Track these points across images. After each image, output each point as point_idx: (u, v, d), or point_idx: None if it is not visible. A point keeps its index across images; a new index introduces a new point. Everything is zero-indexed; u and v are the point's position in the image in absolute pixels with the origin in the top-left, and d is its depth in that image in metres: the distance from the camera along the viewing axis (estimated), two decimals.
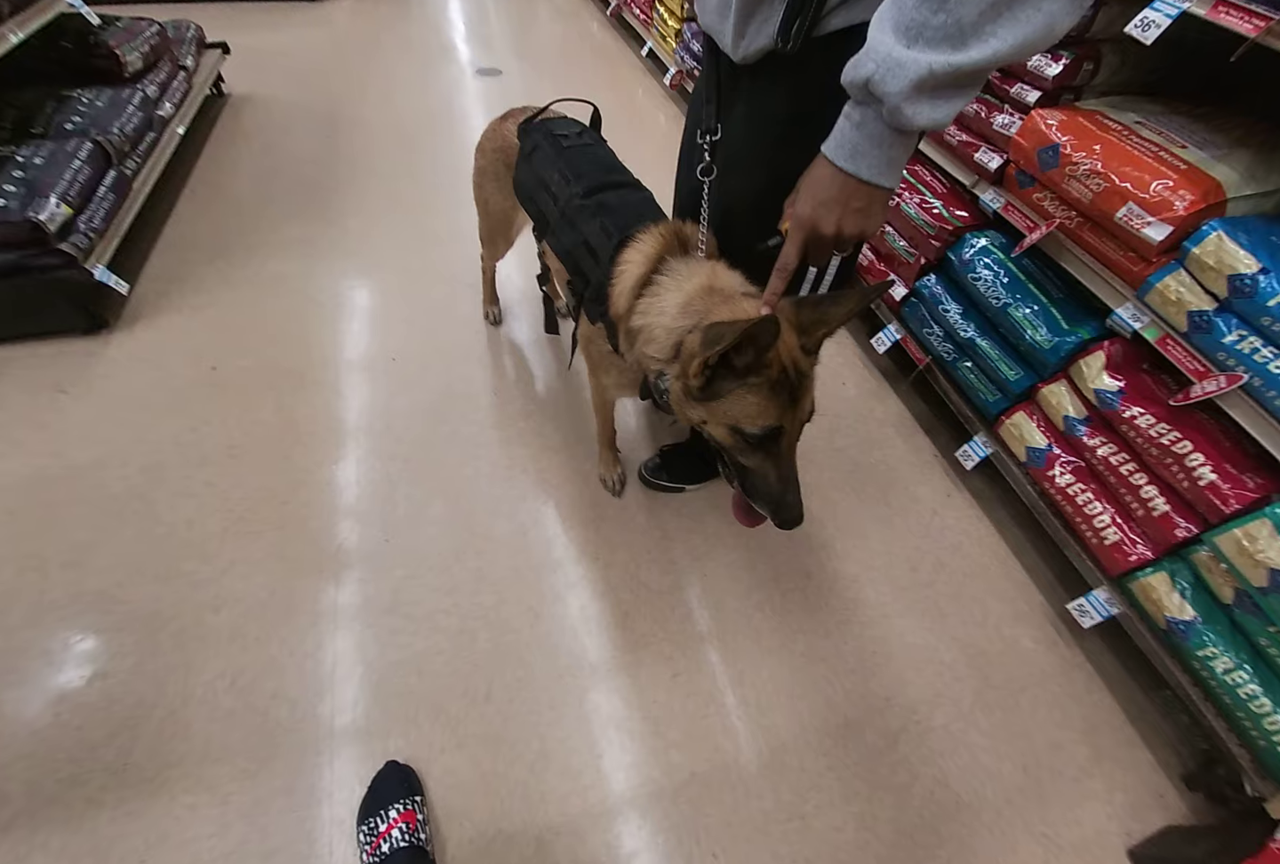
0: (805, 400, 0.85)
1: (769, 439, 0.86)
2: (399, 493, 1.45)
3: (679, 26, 3.12)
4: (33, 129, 1.84)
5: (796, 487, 0.88)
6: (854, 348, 1.98)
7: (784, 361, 0.81)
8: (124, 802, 1.00)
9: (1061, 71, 1.30)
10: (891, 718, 1.19)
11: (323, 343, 1.79)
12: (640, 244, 0.99)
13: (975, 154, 1.48)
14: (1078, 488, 1.32)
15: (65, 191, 1.63)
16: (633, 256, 0.99)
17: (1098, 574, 1.29)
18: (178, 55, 2.51)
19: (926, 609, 1.36)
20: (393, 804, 0.96)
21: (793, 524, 0.89)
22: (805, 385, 0.84)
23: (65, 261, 1.62)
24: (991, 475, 1.57)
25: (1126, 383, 1.24)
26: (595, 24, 4.28)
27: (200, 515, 1.36)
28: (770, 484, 0.89)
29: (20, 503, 1.35)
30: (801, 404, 0.85)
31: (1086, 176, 1.20)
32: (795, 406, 0.84)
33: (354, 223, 2.24)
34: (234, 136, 2.67)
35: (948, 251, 1.59)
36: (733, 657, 1.25)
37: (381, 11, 4.17)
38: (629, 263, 0.99)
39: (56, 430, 1.50)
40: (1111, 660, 1.32)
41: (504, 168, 1.37)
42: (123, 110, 1.98)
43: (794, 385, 0.82)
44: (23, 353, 1.67)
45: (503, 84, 3.35)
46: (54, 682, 1.11)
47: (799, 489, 0.88)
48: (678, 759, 1.12)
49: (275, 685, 1.13)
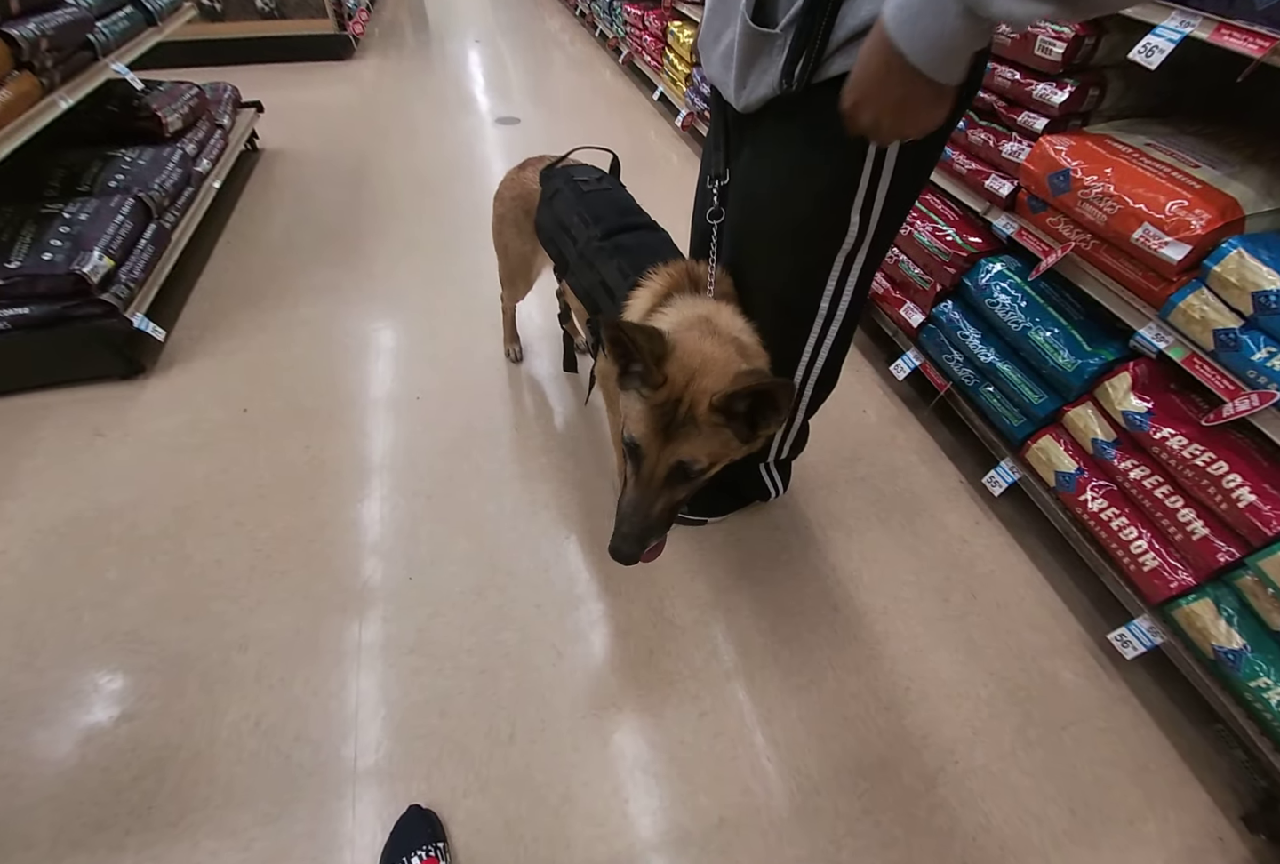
0: (680, 444, 0.82)
1: (635, 454, 0.86)
2: (422, 530, 1.46)
3: (688, 71, 3.25)
4: (79, 187, 1.96)
5: (639, 522, 0.86)
6: (873, 375, 1.97)
7: (680, 394, 0.81)
8: (147, 846, 0.99)
9: (1067, 99, 1.32)
10: (929, 757, 1.14)
11: (349, 383, 1.84)
12: (649, 282, 1.03)
13: (985, 181, 1.50)
14: (1111, 512, 1.28)
15: (108, 245, 1.73)
16: (641, 293, 1.03)
17: (1138, 602, 1.24)
18: (215, 115, 2.67)
19: (960, 642, 1.31)
20: (415, 851, 0.94)
21: (613, 554, 0.87)
22: (686, 431, 0.82)
23: (106, 311, 1.70)
24: (1021, 501, 1.53)
25: (1155, 404, 1.22)
26: (608, 72, 4.47)
27: (229, 555, 1.38)
28: (623, 504, 0.89)
29: (56, 545, 1.39)
30: (675, 444, 0.82)
31: (1099, 199, 1.21)
32: (666, 440, 0.83)
33: (379, 267, 2.33)
34: (266, 188, 2.82)
35: (963, 278, 1.59)
36: (760, 694, 1.21)
37: (405, 67, 4.42)
38: (637, 299, 1.03)
39: (93, 473, 1.55)
40: (1158, 693, 1.25)
41: (523, 214, 1.42)
42: (163, 167, 2.11)
43: (673, 420, 0.81)
44: (63, 398, 1.74)
45: (521, 131, 3.50)
46: (82, 722, 1.12)
47: (642, 526, 0.86)
48: (706, 803, 1.08)
49: (299, 727, 1.13)
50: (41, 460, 1.57)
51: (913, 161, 0.83)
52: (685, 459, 0.83)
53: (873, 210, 0.87)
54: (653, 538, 0.90)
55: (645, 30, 3.79)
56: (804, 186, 0.87)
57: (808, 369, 1.11)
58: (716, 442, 0.84)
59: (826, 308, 1.01)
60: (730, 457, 0.89)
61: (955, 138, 1.59)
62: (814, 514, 1.55)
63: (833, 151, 0.81)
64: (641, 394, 0.84)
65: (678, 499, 0.89)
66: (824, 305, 1.00)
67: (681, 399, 0.81)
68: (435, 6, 6.42)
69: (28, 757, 1.08)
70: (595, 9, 4.90)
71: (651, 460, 0.84)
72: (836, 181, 0.84)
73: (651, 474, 0.85)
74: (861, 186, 0.84)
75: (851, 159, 0.81)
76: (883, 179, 0.83)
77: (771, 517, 1.54)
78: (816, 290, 0.98)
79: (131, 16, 2.22)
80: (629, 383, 0.87)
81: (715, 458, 0.86)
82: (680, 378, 0.82)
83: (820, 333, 1.05)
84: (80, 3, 1.89)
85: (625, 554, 0.86)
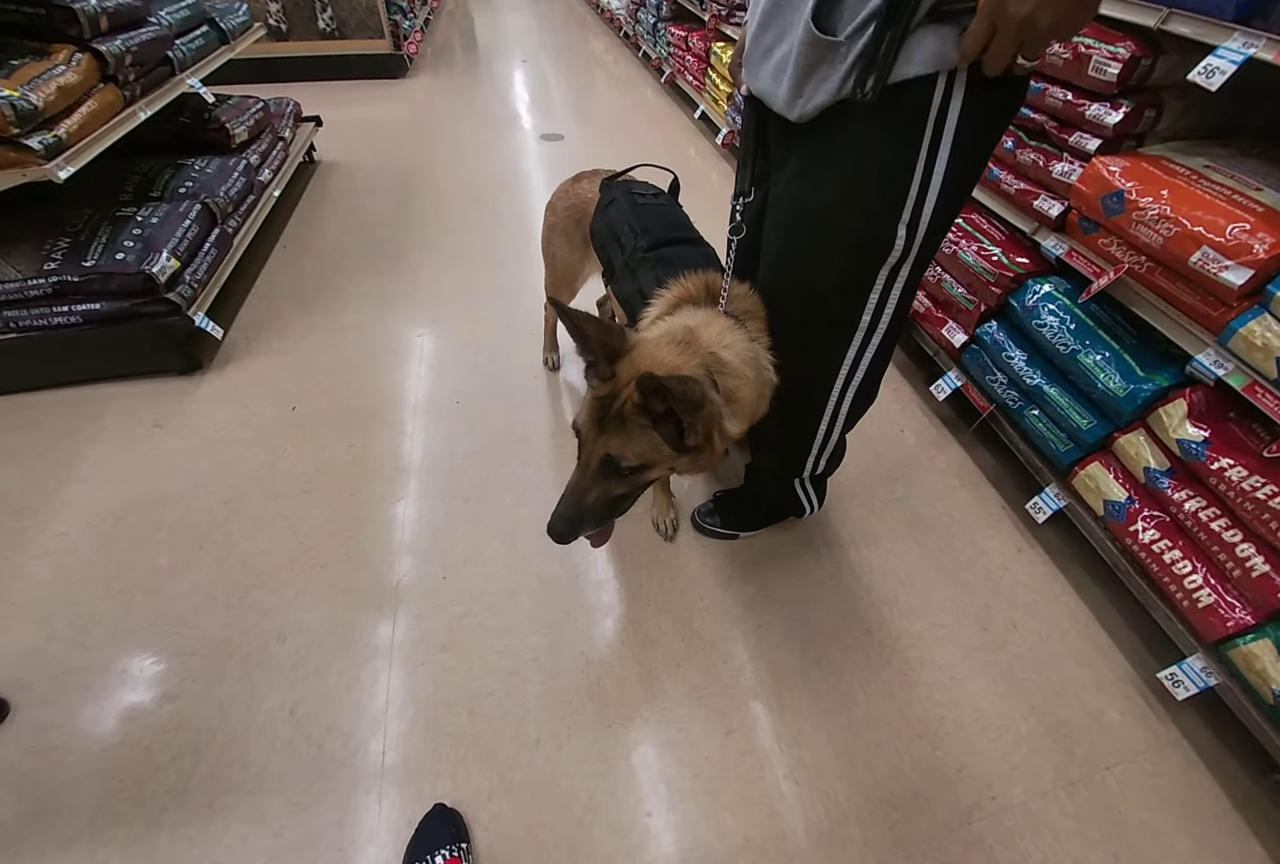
0: (610, 437, 0.88)
1: (579, 440, 0.94)
2: (458, 532, 1.48)
3: (730, 90, 3.30)
4: (152, 192, 2.08)
5: (573, 505, 0.92)
6: (911, 395, 1.95)
7: (619, 391, 0.87)
8: (182, 826, 1.01)
9: (1122, 119, 1.30)
10: (964, 791, 1.10)
11: (393, 386, 1.89)
12: (666, 292, 1.08)
13: (1034, 202, 1.49)
14: (1164, 544, 1.24)
15: (176, 247, 1.82)
16: (657, 302, 1.08)
17: (1191, 640, 1.19)
18: (278, 128, 2.81)
19: (1000, 673, 1.27)
20: (439, 850, 0.94)
21: (548, 531, 0.93)
22: (615, 426, 0.88)
23: (171, 309, 1.79)
24: (1065, 530, 1.49)
25: (1212, 432, 1.18)
26: (650, 91, 4.58)
27: (272, 546, 1.42)
28: (566, 489, 0.95)
29: (113, 528, 1.45)
30: (606, 436, 0.88)
31: (1155, 221, 1.19)
32: (600, 432, 0.89)
33: (424, 276, 2.40)
34: (321, 198, 2.94)
35: (1009, 298, 1.57)
36: (790, 715, 1.19)
37: (455, 86, 4.59)
38: (653, 307, 1.08)
39: (150, 462, 1.62)
40: (1210, 737, 1.19)
41: (573, 224, 1.46)
42: (229, 176, 2.22)
43: (607, 413, 0.87)
44: (125, 390, 1.83)
45: (565, 148, 3.59)
46: (127, 701, 1.16)
47: (575, 509, 0.92)
48: (731, 823, 1.06)
49: (331, 718, 1.15)
50: (104, 447, 1.65)
51: (959, 174, 0.83)
52: (613, 453, 0.88)
53: (919, 223, 0.87)
54: (587, 525, 0.95)
55: (688, 51, 3.88)
56: (853, 197, 0.87)
57: (846, 381, 1.10)
58: (644, 442, 0.88)
59: (868, 320, 1.00)
60: (670, 464, 0.93)
61: (1003, 157, 1.58)
62: (849, 533, 1.53)
63: (884, 162, 0.82)
64: (591, 384, 0.92)
65: (614, 494, 0.94)
66: (865, 318, 1.00)
67: (619, 395, 0.86)
68: (485, 28, 6.67)
69: (75, 731, 1.12)
70: (639, 31, 5.04)
71: (588, 449, 0.91)
72: (885, 193, 0.85)
73: (588, 462, 0.92)
74: (910, 198, 0.84)
75: (902, 169, 0.82)
76: (930, 191, 0.83)
77: (805, 534, 1.52)
78: (859, 302, 0.98)
79: (207, 35, 2.37)
80: (589, 373, 0.95)
81: (645, 459, 0.90)
82: (625, 376, 0.87)
83: (861, 345, 1.04)
84: (162, 22, 2.02)
85: (557, 532, 0.93)
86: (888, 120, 0.78)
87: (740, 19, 3.21)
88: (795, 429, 1.21)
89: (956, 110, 0.76)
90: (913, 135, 0.78)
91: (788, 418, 1.16)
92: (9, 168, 1.43)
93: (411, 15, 4.95)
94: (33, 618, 1.28)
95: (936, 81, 0.74)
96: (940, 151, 0.79)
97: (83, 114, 1.61)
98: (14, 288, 1.66)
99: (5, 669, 1.19)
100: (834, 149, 0.86)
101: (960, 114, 0.76)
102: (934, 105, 0.75)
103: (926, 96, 0.75)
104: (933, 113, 0.76)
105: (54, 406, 1.76)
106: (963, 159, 0.81)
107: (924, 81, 0.74)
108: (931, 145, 0.79)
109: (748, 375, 0.98)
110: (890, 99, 0.75)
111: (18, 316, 1.70)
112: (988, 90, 0.75)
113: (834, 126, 0.83)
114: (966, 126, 0.77)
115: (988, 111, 0.79)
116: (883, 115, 0.78)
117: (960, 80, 0.74)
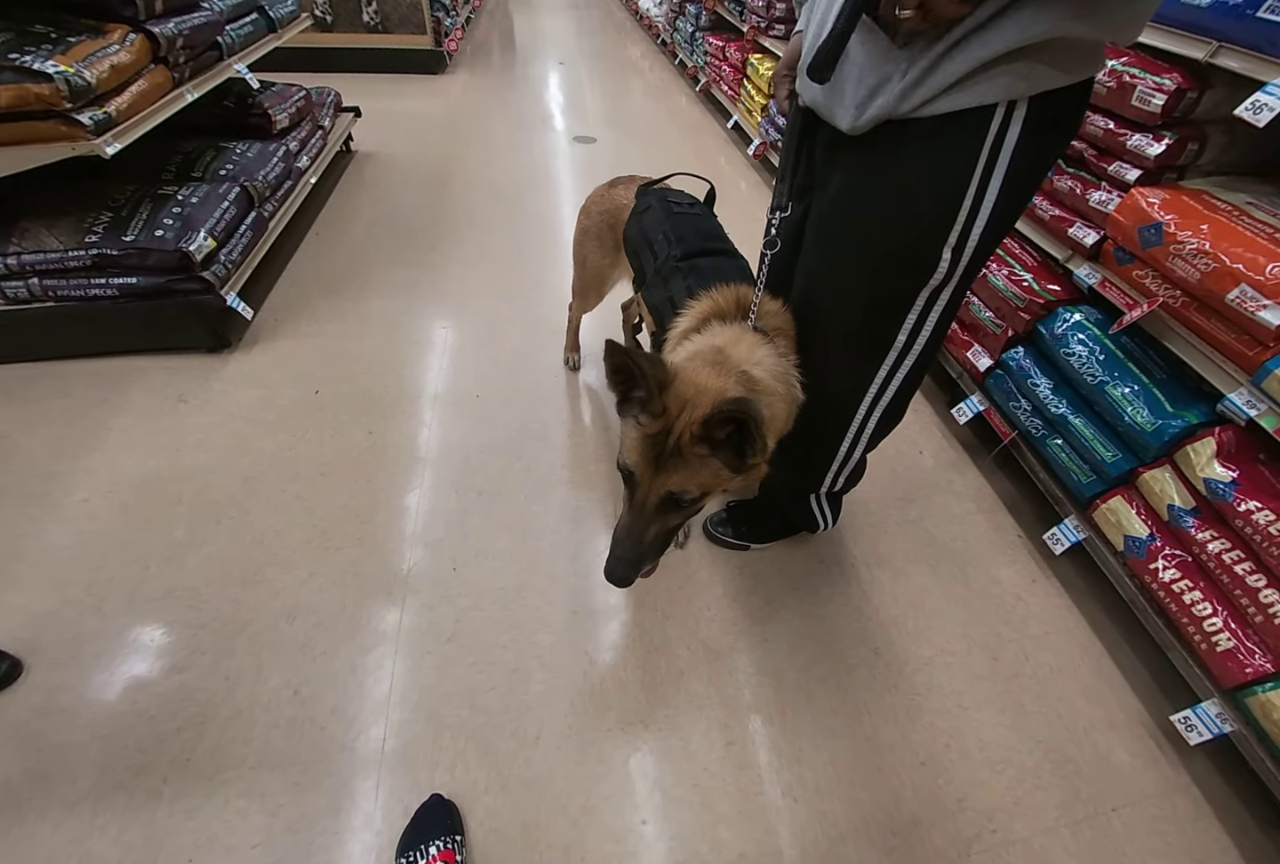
0: (670, 475, 0.84)
1: (629, 481, 0.89)
2: (470, 524, 1.49)
3: (765, 101, 3.31)
4: (193, 173, 2.11)
5: (632, 547, 0.88)
6: (932, 416, 1.94)
7: (672, 425, 0.82)
8: (182, 797, 1.02)
9: (1164, 151, 1.29)
10: (964, 822, 1.09)
11: (415, 376, 1.91)
12: (694, 306, 1.07)
13: (1069, 229, 1.48)
14: (1184, 585, 1.22)
15: (213, 227, 1.85)
16: (687, 313, 1.07)
17: (1207, 684, 1.16)
18: (318, 117, 2.85)
19: (1007, 704, 1.25)
20: (434, 841, 0.94)
21: (607, 576, 0.90)
22: (674, 462, 0.83)
23: (204, 288, 1.81)
24: (1083, 563, 1.47)
25: (1241, 473, 1.16)
26: (684, 99, 4.60)
27: (287, 527, 1.43)
28: (618, 529, 0.91)
29: (133, 498, 1.47)
30: (666, 474, 0.84)
31: (1193, 256, 1.18)
32: (657, 470, 0.85)
33: (452, 269, 2.42)
34: (356, 188, 2.98)
35: (1038, 325, 1.56)
36: (792, 732, 1.18)
37: (492, 84, 4.65)
38: (681, 319, 1.07)
39: (174, 435, 1.64)
40: (1221, 786, 1.16)
41: (606, 228, 1.47)
42: (268, 161, 2.25)
43: (662, 450, 0.83)
44: (155, 364, 1.85)
45: (596, 151, 3.62)
46: (137, 669, 1.17)
47: (635, 551, 0.88)
48: (726, 836, 1.05)
49: (335, 701, 1.15)
50: (129, 419, 1.67)
51: (1009, 202, 0.82)
52: (675, 490, 0.85)
53: (965, 247, 0.86)
54: (647, 562, 0.92)
55: (725, 61, 3.90)
56: (902, 217, 0.87)
57: (874, 400, 1.10)
58: (705, 472, 0.85)
59: (903, 341, 0.99)
60: (725, 486, 0.90)
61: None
62: (860, 552, 1.52)
63: (937, 184, 0.82)
64: (639, 422, 0.85)
65: (671, 526, 0.92)
66: (901, 337, 0.99)
67: (671, 430, 0.82)
68: (524, 30, 6.75)
69: (84, 696, 1.13)
70: (677, 39, 5.08)
71: (644, 489, 0.87)
72: (935, 215, 0.84)
73: (644, 502, 0.87)
74: (959, 222, 0.84)
75: (954, 193, 0.82)
76: (979, 216, 0.83)
77: (817, 549, 1.51)
78: (895, 323, 0.98)
79: (256, 22, 2.41)
80: (627, 409, 0.89)
81: (706, 488, 0.87)
82: (674, 408, 0.83)
83: (893, 365, 1.04)
84: (214, 7, 2.06)
85: (619, 576, 0.89)
86: (945, 144, 0.79)
87: (779, 32, 3.23)
88: (817, 445, 1.20)
89: (1014, 140, 0.77)
90: (968, 160, 0.79)
91: (810, 434, 1.16)
92: (59, 141, 1.46)
93: (453, 13, 5.02)
94: (51, 580, 1.30)
95: (996, 109, 0.75)
96: (993, 178, 0.79)
97: (133, 93, 1.64)
98: (55, 258, 1.70)
99: (22, 630, 1.21)
100: (886, 168, 0.86)
101: (1017, 144, 0.77)
102: (991, 133, 0.76)
103: (985, 124, 0.76)
104: (989, 140, 0.77)
105: (85, 376, 1.79)
106: (1014, 188, 0.81)
107: (984, 109, 0.75)
108: (985, 171, 0.79)
109: (779, 391, 0.98)
110: (949, 123, 0.76)
111: (57, 286, 1.73)
112: (1045, 122, 0.76)
113: (889, 145, 0.83)
114: (1021, 156, 0.78)
115: (1043, 143, 0.79)
116: (940, 138, 0.78)
117: (1020, 111, 0.75)
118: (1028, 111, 0.75)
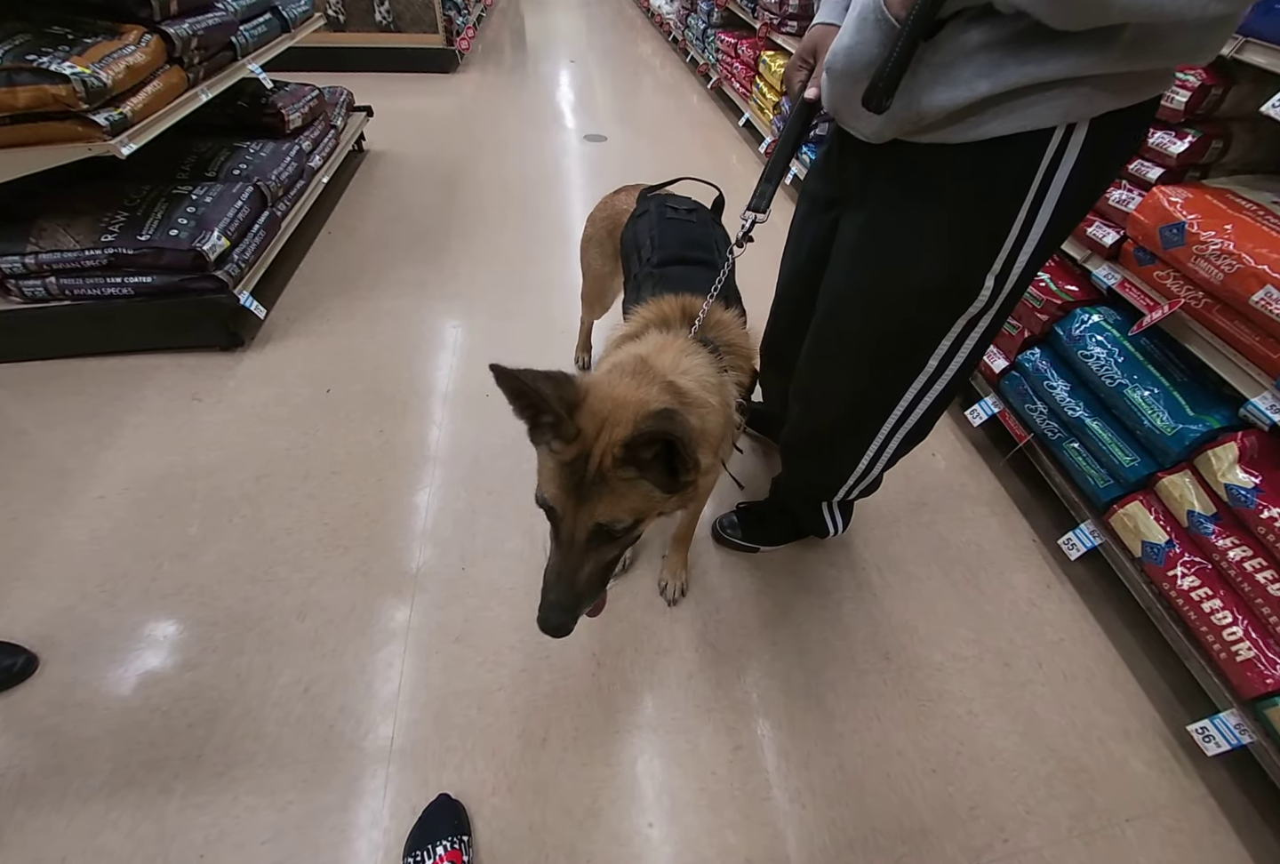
0: (595, 504, 0.73)
1: (551, 517, 0.78)
2: (479, 523, 1.49)
3: (777, 99, 3.28)
4: (207, 172, 2.13)
5: (565, 590, 0.76)
6: (945, 418, 1.91)
7: (590, 448, 0.72)
8: (193, 793, 1.03)
9: (1187, 149, 1.27)
10: (976, 831, 1.07)
11: (426, 375, 1.91)
12: (641, 310, 1.03)
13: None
14: (1203, 593, 1.19)
15: (227, 227, 1.86)
16: (629, 320, 1.04)
17: (1226, 694, 1.14)
18: (330, 116, 2.86)
19: (1020, 711, 1.23)
20: (441, 840, 0.94)
21: (541, 627, 0.76)
22: (599, 490, 0.72)
23: (218, 287, 1.83)
24: (1099, 568, 1.44)
25: (1264, 480, 1.13)
26: (695, 97, 4.58)
27: (298, 525, 1.44)
28: (547, 572, 0.78)
29: (148, 495, 1.49)
30: (591, 504, 0.73)
31: (1216, 256, 1.15)
32: (580, 501, 0.73)
33: (462, 268, 2.42)
34: (368, 187, 2.99)
35: (1055, 326, 1.54)
36: (800, 737, 1.17)
37: (503, 83, 4.65)
38: (622, 326, 1.04)
39: (188, 433, 1.65)
40: (1239, 798, 1.14)
41: (606, 236, 1.46)
42: (281, 161, 2.26)
43: (583, 478, 0.72)
44: (169, 362, 1.87)
45: (607, 149, 3.61)
46: (150, 665, 1.19)
47: (569, 595, 0.76)
48: (733, 841, 1.04)
49: (345, 699, 1.15)
50: (144, 417, 1.69)
51: (1058, 229, 0.78)
52: (604, 521, 0.74)
53: (1010, 275, 0.82)
54: (585, 604, 0.79)
55: (737, 58, 3.87)
56: (945, 243, 0.82)
57: (898, 422, 1.05)
58: (635, 497, 0.74)
59: (935, 365, 0.95)
60: (661, 509, 0.79)
61: None
62: (872, 556, 1.50)
63: (985, 209, 0.78)
64: (552, 449, 0.75)
65: (607, 560, 0.80)
66: (933, 362, 0.94)
67: (591, 453, 0.72)
68: (535, 28, 6.75)
69: (98, 691, 1.14)
70: (689, 36, 5.05)
71: (569, 523, 0.75)
72: (981, 242, 0.80)
73: (572, 538, 0.75)
74: (1005, 249, 0.79)
75: (1003, 220, 0.77)
76: (1027, 243, 0.78)
77: (827, 553, 1.50)
78: (928, 348, 0.93)
79: (269, 23, 2.42)
80: (539, 436, 0.77)
81: (639, 514, 0.76)
82: (590, 429, 0.72)
83: (922, 389, 0.99)
84: (229, 8, 2.07)
85: (554, 625, 0.75)
86: (994, 170, 0.74)
87: (791, 29, 3.19)
88: (833, 461, 1.18)
89: (1070, 164, 0.72)
90: (1018, 187, 0.74)
91: (829, 450, 1.14)
92: (76, 141, 1.48)
93: (465, 12, 5.02)
94: (67, 576, 1.31)
95: (1053, 134, 0.70)
96: (1044, 205, 0.75)
97: (148, 93, 1.65)
98: (71, 257, 1.72)
99: (38, 625, 1.22)
100: (930, 191, 0.81)
101: (1074, 168, 0.72)
102: (1046, 158, 0.71)
103: (1040, 148, 0.71)
104: (1044, 165, 0.72)
105: (100, 373, 1.81)
106: (1066, 213, 0.77)
107: (1040, 132, 0.70)
108: (1036, 198, 0.75)
109: (711, 403, 0.89)
110: (999, 147, 0.71)
111: (73, 285, 1.75)
112: (1105, 144, 0.71)
113: (932, 167, 0.79)
114: (1077, 181, 0.73)
115: (1101, 166, 0.75)
116: (989, 163, 0.74)
117: (1078, 136, 0.70)
118: (1087, 134, 0.69)
